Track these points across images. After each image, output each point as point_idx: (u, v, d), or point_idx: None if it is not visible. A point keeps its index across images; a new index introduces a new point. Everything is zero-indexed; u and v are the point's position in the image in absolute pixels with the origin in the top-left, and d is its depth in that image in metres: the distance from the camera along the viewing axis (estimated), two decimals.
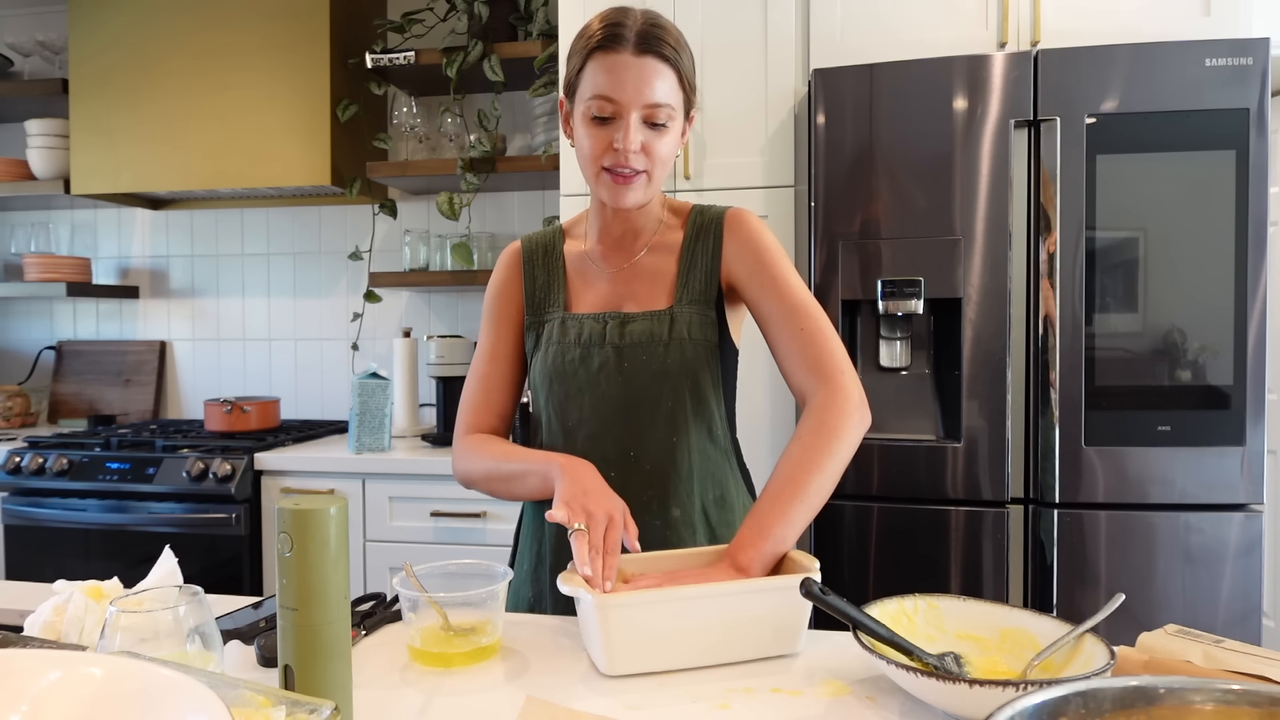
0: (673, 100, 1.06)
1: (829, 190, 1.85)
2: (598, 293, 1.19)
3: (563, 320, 1.18)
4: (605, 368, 1.13)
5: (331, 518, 0.70)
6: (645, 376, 1.12)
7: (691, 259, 1.17)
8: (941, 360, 1.86)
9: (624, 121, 1.05)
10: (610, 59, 1.04)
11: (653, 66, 1.04)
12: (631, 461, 1.13)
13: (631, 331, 1.14)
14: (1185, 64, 1.71)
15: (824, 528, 1.85)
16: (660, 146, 1.07)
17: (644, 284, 1.17)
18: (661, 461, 1.13)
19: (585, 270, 1.21)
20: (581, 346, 1.15)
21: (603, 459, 1.10)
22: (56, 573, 2.30)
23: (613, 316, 1.15)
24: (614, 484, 1.07)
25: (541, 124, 2.54)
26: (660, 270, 1.18)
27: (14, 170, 2.82)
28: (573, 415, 1.15)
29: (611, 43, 1.04)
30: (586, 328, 1.16)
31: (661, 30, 1.05)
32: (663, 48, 1.04)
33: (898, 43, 1.96)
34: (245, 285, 3.00)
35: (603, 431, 1.14)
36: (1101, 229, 1.74)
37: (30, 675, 0.60)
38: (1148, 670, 0.76)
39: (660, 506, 1.13)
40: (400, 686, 0.85)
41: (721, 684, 0.85)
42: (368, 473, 2.25)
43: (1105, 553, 1.74)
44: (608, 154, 1.06)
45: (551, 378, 1.16)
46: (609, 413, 1.13)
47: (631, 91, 1.04)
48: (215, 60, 2.57)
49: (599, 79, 1.05)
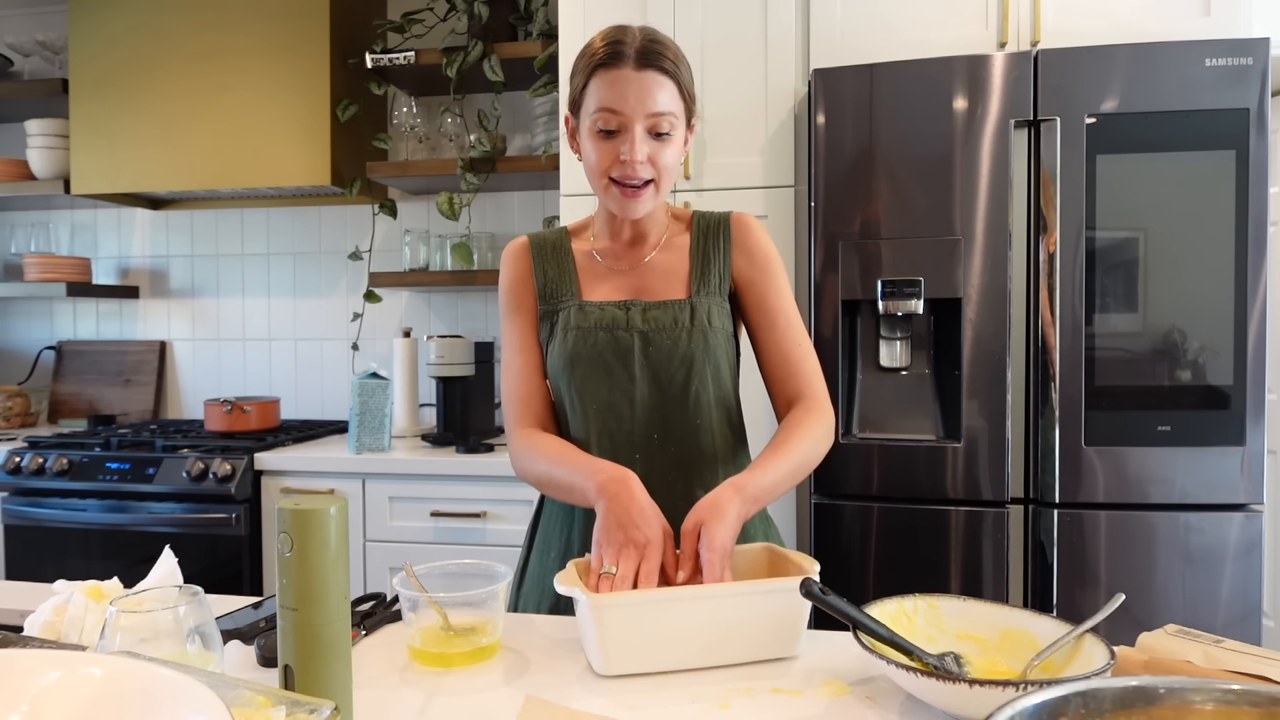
0: (674, 109, 1.11)
1: (829, 190, 1.85)
2: (612, 285, 1.22)
3: (580, 307, 1.19)
4: (630, 352, 1.16)
5: (331, 518, 0.70)
6: (670, 360, 1.15)
7: (703, 256, 1.21)
8: (941, 360, 1.86)
9: (629, 134, 1.10)
10: (613, 74, 1.09)
11: (653, 79, 1.09)
12: (656, 444, 1.16)
13: (654, 317, 1.17)
14: (1185, 64, 1.71)
15: (824, 528, 1.85)
16: (665, 156, 1.12)
17: (657, 280, 1.21)
18: (686, 444, 1.16)
19: (595, 267, 1.24)
20: (605, 330, 1.17)
21: (628, 442, 1.15)
22: (56, 573, 2.30)
23: (634, 303, 1.18)
24: (640, 466, 1.11)
25: (541, 124, 2.54)
26: (673, 267, 1.22)
27: (14, 170, 2.82)
28: (597, 399, 1.17)
29: (614, 59, 1.09)
30: (608, 313, 1.18)
31: (661, 45, 1.11)
32: (662, 61, 1.09)
33: (898, 43, 1.96)
34: (245, 285, 3.00)
35: (629, 415, 1.16)
36: (1101, 229, 1.74)
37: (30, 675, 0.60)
38: (1148, 670, 0.76)
39: (685, 488, 1.16)
40: (400, 686, 0.85)
41: (721, 684, 0.85)
42: (368, 473, 2.25)
43: (1105, 553, 1.74)
44: (615, 166, 1.11)
45: (574, 362, 1.17)
46: (634, 396, 1.16)
47: (634, 103, 1.08)
48: (215, 60, 2.57)
49: (603, 93, 1.09)
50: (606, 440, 1.16)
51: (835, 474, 1.84)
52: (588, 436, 1.17)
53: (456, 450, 2.29)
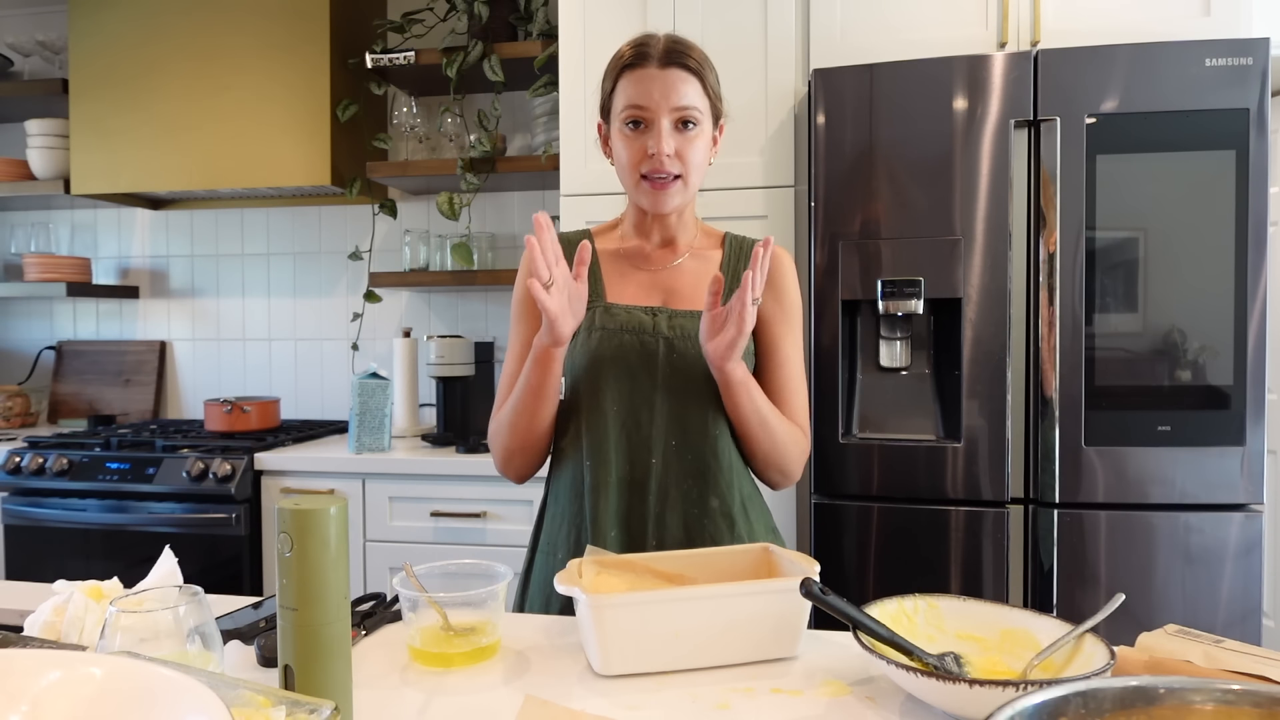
0: (699, 104, 1.15)
1: (829, 190, 1.85)
2: (638, 286, 1.23)
3: (606, 308, 1.20)
4: (655, 357, 1.17)
5: (331, 518, 0.70)
6: (692, 369, 1.17)
7: (734, 274, 1.24)
8: (941, 360, 1.86)
9: (656, 127, 1.13)
10: (639, 73, 1.14)
11: (678, 75, 1.13)
12: (674, 451, 1.17)
13: (681, 325, 1.18)
14: (1185, 64, 1.70)
15: (824, 528, 1.85)
16: (692, 152, 1.15)
17: (686, 286, 1.23)
18: (702, 453, 1.17)
19: (622, 266, 1.25)
20: (631, 334, 1.18)
21: (645, 446, 1.16)
22: (56, 573, 2.30)
23: (661, 310, 1.20)
24: (656, 471, 1.15)
25: (541, 124, 2.54)
26: (702, 277, 1.23)
27: (14, 170, 2.82)
28: (618, 401, 1.17)
29: (640, 60, 1.14)
30: (635, 317, 1.19)
31: (685, 46, 1.15)
32: (686, 60, 1.14)
33: (898, 42, 1.96)
34: (245, 285, 3.00)
35: (648, 419, 1.17)
36: (1101, 229, 1.74)
37: (30, 675, 0.60)
38: (1148, 670, 0.76)
39: (700, 496, 1.17)
40: (400, 686, 0.85)
41: (721, 684, 0.85)
42: (368, 473, 2.25)
43: (1105, 553, 1.74)
44: (644, 161, 1.14)
45: (598, 362, 1.17)
46: (655, 401, 1.17)
47: (659, 97, 1.13)
48: (215, 60, 2.57)
49: (630, 92, 1.14)
50: (624, 442, 1.17)
51: (835, 474, 1.84)
52: (605, 437, 1.17)
53: (456, 450, 2.29)
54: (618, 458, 1.16)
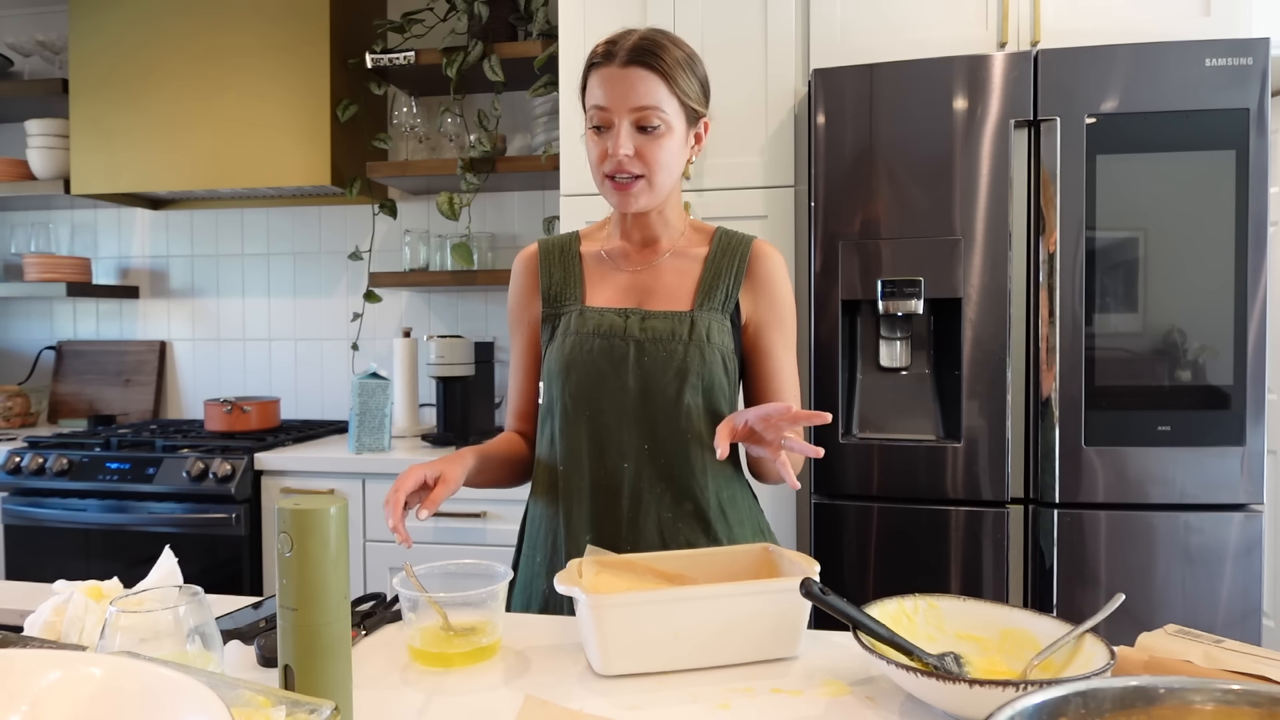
0: (661, 105, 1.12)
1: (829, 190, 1.85)
2: (616, 287, 1.22)
3: (581, 312, 1.20)
4: (625, 360, 1.16)
5: (331, 518, 0.70)
6: (664, 372, 1.15)
7: (716, 271, 1.21)
8: (941, 360, 1.86)
9: (615, 128, 1.12)
10: (603, 73, 1.13)
11: (638, 75, 1.10)
12: (646, 455, 1.16)
13: (652, 327, 1.17)
14: (1185, 64, 1.70)
15: (824, 528, 1.85)
16: (655, 151, 1.13)
17: (665, 285, 1.21)
18: (675, 457, 1.16)
19: (603, 268, 1.25)
20: (602, 337, 1.17)
21: (618, 450, 1.15)
22: (56, 573, 2.30)
23: (634, 312, 1.19)
24: (628, 475, 1.14)
25: (541, 124, 2.54)
26: (683, 275, 1.21)
27: (14, 170, 2.82)
28: (589, 405, 1.17)
29: (604, 59, 1.13)
30: (607, 320, 1.18)
31: (656, 45, 1.12)
32: (649, 58, 1.10)
33: (898, 42, 1.96)
34: (245, 285, 3.00)
35: (619, 423, 1.16)
36: (1101, 229, 1.74)
37: (30, 675, 0.60)
38: (1148, 670, 0.76)
39: (673, 500, 1.16)
40: (400, 686, 0.85)
41: (721, 684, 0.85)
42: (368, 473, 2.25)
43: (1105, 553, 1.74)
44: (606, 161, 1.13)
45: (569, 367, 1.17)
46: (626, 405, 1.16)
47: (617, 98, 1.11)
48: (215, 61, 2.57)
49: (595, 92, 1.14)
50: (596, 448, 1.16)
51: (835, 474, 1.84)
52: (578, 442, 1.17)
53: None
54: (590, 462, 1.16)
